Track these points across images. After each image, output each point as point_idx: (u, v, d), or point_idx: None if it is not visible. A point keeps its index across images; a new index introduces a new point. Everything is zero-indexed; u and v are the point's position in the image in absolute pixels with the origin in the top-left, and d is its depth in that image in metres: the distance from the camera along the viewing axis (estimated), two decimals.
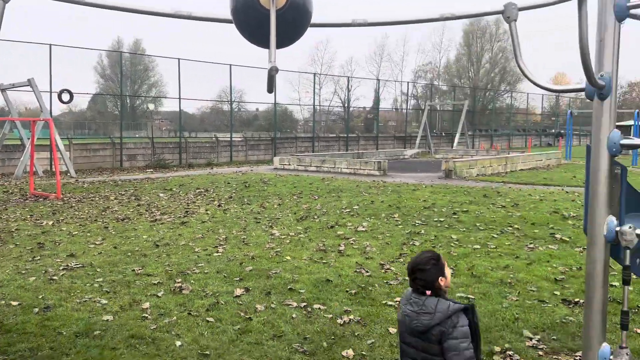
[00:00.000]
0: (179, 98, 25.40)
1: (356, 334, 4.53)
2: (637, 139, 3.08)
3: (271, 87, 3.08)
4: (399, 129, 40.97)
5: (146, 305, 5.20)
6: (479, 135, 42.47)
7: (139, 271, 6.39)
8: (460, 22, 58.06)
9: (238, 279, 6.09)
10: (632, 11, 2.79)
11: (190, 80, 26.11)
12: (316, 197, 12.67)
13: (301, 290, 5.64)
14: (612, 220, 3.01)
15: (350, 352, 4.16)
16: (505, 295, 5.49)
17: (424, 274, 2.54)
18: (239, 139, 28.35)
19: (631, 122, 29.57)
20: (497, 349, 4.24)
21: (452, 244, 7.76)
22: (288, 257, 7.01)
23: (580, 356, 3.78)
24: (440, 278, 2.56)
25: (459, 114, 35.53)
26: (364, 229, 8.84)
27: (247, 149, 27.94)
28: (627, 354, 3.02)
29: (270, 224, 9.36)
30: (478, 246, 7.61)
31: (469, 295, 5.49)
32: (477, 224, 9.13)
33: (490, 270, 6.37)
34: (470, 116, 43.30)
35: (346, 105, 40.24)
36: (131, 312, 5.03)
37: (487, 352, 4.19)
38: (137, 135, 37.79)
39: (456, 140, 34.79)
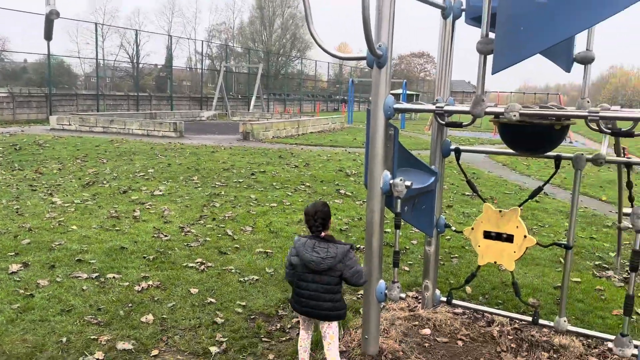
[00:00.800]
0: None
1: (156, 298, 4.41)
2: (406, 103, 3.56)
3: (50, 34, 2.72)
4: (194, 90, 39.86)
5: None
6: (274, 99, 43.90)
7: None
8: None
9: (13, 253, 5.35)
10: None
11: None
12: (105, 161, 11.70)
13: (92, 261, 5.23)
14: (387, 174, 3.47)
15: (150, 317, 4.05)
16: None
17: (323, 214, 3.20)
18: (4, 95, 24.25)
19: (400, 91, 33.84)
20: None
21: (252, 203, 8.01)
22: (74, 227, 6.39)
23: (361, 294, 4.31)
24: (330, 218, 3.28)
25: (255, 77, 36.06)
26: (160, 193, 8.52)
27: (14, 107, 24.11)
28: (397, 287, 3.57)
29: (49, 192, 8.36)
30: (275, 204, 8.00)
31: (267, 250, 5.77)
32: (274, 184, 9.57)
33: (286, 226, 6.78)
34: (265, 80, 44.38)
35: (135, 61, 37.37)
36: None
37: (284, 299, 4.50)
38: None
39: (252, 103, 35.36)
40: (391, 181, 3.44)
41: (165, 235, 6.17)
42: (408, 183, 3.42)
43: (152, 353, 3.55)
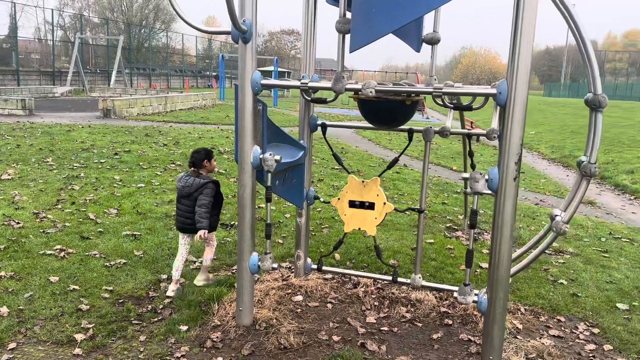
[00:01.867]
0: None
1: (10, 290, 4.06)
2: (274, 80, 3.63)
3: None
4: (45, 63, 35.96)
5: None
6: (137, 74, 41.35)
7: None
8: None
9: None
10: None
11: None
12: None
13: None
14: (257, 149, 3.53)
15: (4, 309, 3.73)
16: (171, 228, 5.78)
17: (198, 155, 4.22)
18: None
19: (272, 68, 33.84)
20: (164, 276, 4.50)
21: (116, 185, 7.59)
22: None
23: (236, 269, 4.38)
24: (205, 161, 4.22)
25: (115, 50, 33.60)
26: (9, 177, 7.70)
27: None
28: (270, 258, 3.68)
29: None
30: (142, 184, 7.67)
31: (135, 233, 5.55)
32: (141, 163, 9.13)
33: (155, 207, 6.56)
34: (127, 53, 41.52)
35: None
36: None
37: (155, 281, 4.41)
38: None
39: (113, 77, 32.99)
40: (261, 156, 3.51)
41: (18, 223, 5.64)
42: (277, 157, 3.52)
43: (9, 346, 3.29)
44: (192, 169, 4.23)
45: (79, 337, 3.41)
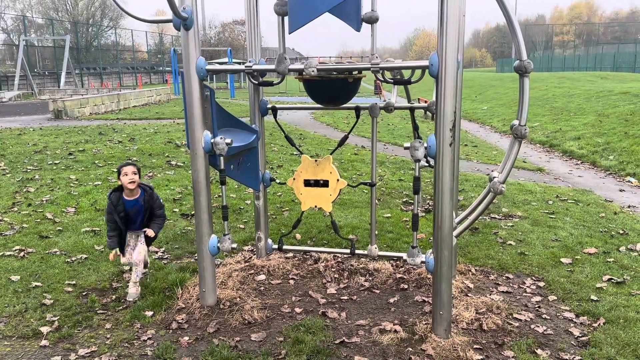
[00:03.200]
0: None
1: None
2: (218, 65, 3.72)
3: None
4: None
5: None
6: (88, 73, 40.19)
7: None
8: None
9: None
10: None
11: None
12: None
13: None
14: (207, 134, 3.63)
15: None
16: None
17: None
18: None
19: (226, 59, 33.48)
20: (126, 267, 4.53)
21: (72, 184, 7.50)
22: None
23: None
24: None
25: (62, 51, 32.56)
26: None
27: None
28: (228, 239, 3.80)
29: None
30: (99, 182, 7.61)
31: (94, 228, 5.56)
32: (96, 162, 9.03)
33: None
34: (75, 53, 40.27)
35: None
36: None
37: (118, 272, 4.46)
38: None
39: (63, 79, 31.95)
40: (212, 140, 3.61)
41: None
42: (228, 141, 3.62)
43: None
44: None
45: (44, 329, 3.46)
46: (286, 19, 3.21)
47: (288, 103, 22.16)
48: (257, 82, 4.07)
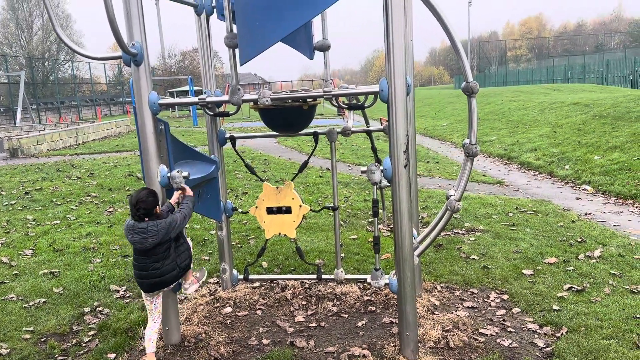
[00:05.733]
0: None
1: None
2: (171, 98, 3.70)
3: None
4: None
5: None
6: (45, 108, 39.24)
7: None
8: None
9: None
10: None
11: None
12: None
13: None
14: (163, 168, 3.58)
15: None
16: (90, 260, 5.64)
17: (146, 205, 3.26)
18: None
19: (187, 88, 33.32)
20: (87, 309, 4.41)
21: (29, 225, 7.26)
22: None
23: None
24: (157, 207, 3.32)
25: (17, 87, 31.78)
26: None
27: None
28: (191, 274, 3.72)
29: None
30: (57, 221, 7.39)
31: (52, 270, 5.37)
32: (54, 200, 8.77)
33: (73, 241, 6.36)
34: (32, 89, 39.38)
35: None
36: None
37: (78, 315, 4.31)
38: None
39: (18, 116, 31.09)
40: (168, 174, 3.56)
41: None
42: (185, 174, 3.58)
43: None
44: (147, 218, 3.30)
45: None
46: (237, 50, 3.23)
47: (252, 129, 22.18)
48: (212, 114, 4.07)
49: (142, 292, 3.44)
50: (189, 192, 3.55)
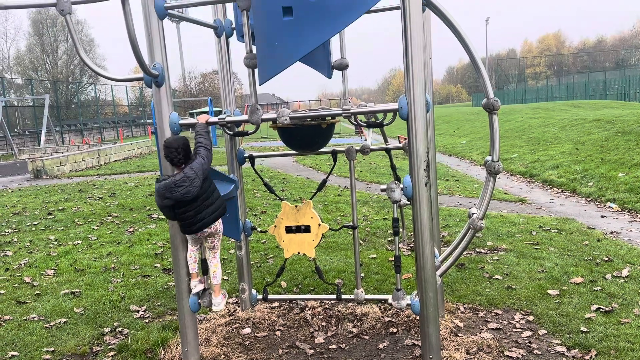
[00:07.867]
0: None
1: None
2: (191, 118, 3.73)
3: None
4: None
5: None
6: (68, 130, 40.11)
7: None
8: (24, 10, 52.29)
9: None
10: (170, 11, 3.34)
11: None
12: None
13: None
14: None
15: None
16: (111, 280, 5.67)
17: (185, 147, 3.27)
18: None
19: (207, 108, 33.77)
20: (107, 329, 4.41)
21: (51, 245, 7.35)
22: None
23: None
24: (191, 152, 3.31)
25: (42, 110, 32.60)
26: None
27: None
28: (209, 294, 3.70)
29: None
30: (79, 241, 7.46)
31: (74, 290, 5.40)
32: (76, 220, 8.88)
33: (94, 261, 6.40)
34: (56, 111, 40.33)
35: None
36: None
37: (98, 335, 4.31)
38: None
39: (43, 137, 31.84)
40: None
41: None
42: None
43: None
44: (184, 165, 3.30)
45: None
46: (257, 70, 3.25)
47: (270, 148, 22.32)
48: (232, 133, 4.09)
49: (192, 241, 3.53)
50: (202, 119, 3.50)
